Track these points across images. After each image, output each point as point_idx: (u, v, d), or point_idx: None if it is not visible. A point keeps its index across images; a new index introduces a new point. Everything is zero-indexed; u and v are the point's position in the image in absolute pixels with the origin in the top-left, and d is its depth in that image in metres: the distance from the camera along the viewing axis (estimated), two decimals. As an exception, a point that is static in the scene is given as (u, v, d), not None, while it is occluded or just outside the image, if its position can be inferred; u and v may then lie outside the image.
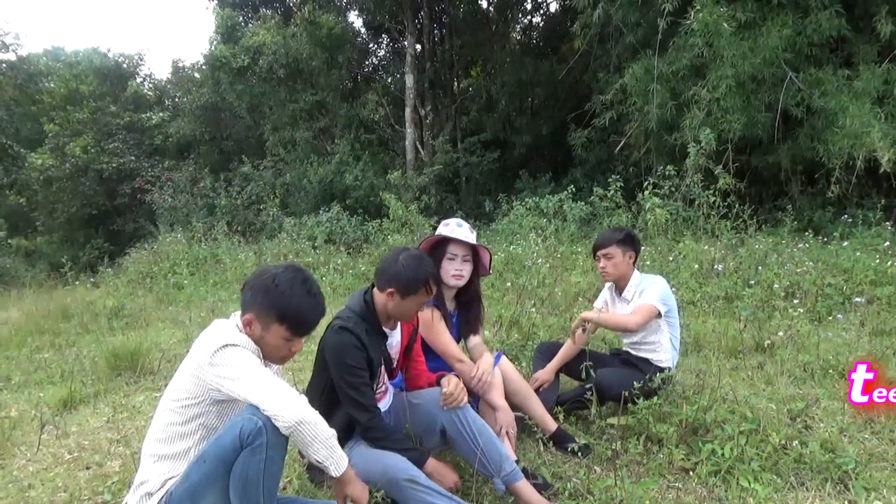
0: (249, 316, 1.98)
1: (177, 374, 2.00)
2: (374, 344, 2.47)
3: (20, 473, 2.99)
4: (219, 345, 1.88)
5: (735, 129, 8.38)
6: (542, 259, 7.07)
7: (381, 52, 19.95)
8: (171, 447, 1.95)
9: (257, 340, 1.99)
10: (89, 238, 21.12)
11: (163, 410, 1.99)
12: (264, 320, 1.98)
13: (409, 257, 2.51)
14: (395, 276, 2.45)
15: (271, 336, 1.99)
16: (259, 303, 1.98)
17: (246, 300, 2.01)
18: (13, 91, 20.97)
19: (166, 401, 1.98)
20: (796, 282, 5.57)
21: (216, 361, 1.86)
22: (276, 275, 2.00)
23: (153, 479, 1.92)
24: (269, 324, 1.98)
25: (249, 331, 1.98)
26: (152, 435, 2.00)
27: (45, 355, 5.41)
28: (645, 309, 3.15)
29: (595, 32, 11.43)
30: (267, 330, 1.98)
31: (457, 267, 3.02)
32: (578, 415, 3.25)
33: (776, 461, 2.62)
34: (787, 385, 3.52)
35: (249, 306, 1.99)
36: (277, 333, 1.99)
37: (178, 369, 2.01)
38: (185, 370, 1.96)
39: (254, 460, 1.79)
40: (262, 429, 1.79)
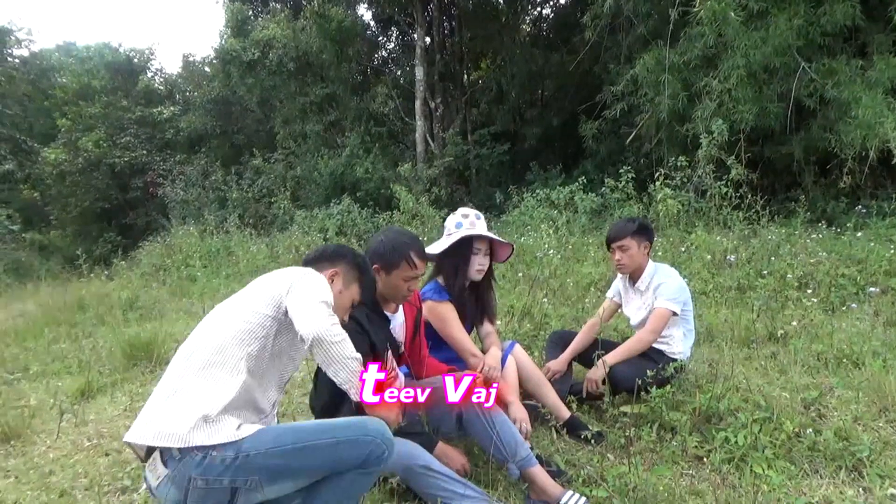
0: (337, 269, 2.18)
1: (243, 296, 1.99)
2: (377, 328, 2.48)
3: (41, 460, 3.05)
4: (317, 274, 2.01)
5: (747, 119, 8.32)
6: (554, 250, 7.07)
7: (391, 45, 19.94)
8: (223, 372, 1.81)
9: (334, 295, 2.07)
10: (102, 232, 21.27)
11: (219, 329, 1.88)
12: (348, 280, 2.20)
13: (389, 233, 2.58)
14: (375, 253, 2.51)
15: (347, 294, 2.19)
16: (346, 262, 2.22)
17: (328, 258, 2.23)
18: (26, 87, 21.18)
19: (229, 320, 1.91)
20: (809, 272, 5.54)
21: (309, 277, 1.96)
22: None
23: (207, 401, 1.74)
24: (351, 283, 2.21)
25: (331, 284, 2.09)
26: (203, 350, 1.84)
27: (61, 346, 5.48)
28: (659, 316, 3.16)
29: (606, 23, 11.38)
30: (348, 288, 2.20)
31: (481, 261, 3.05)
32: (591, 403, 3.27)
33: (790, 449, 2.63)
34: (801, 374, 3.51)
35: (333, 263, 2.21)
36: (351, 294, 2.21)
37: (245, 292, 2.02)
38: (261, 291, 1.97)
39: (362, 481, 1.87)
40: (383, 457, 1.84)
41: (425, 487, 2.26)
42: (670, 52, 9.48)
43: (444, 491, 2.24)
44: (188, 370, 1.80)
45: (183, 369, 1.81)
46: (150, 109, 21.19)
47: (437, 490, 2.24)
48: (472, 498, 2.26)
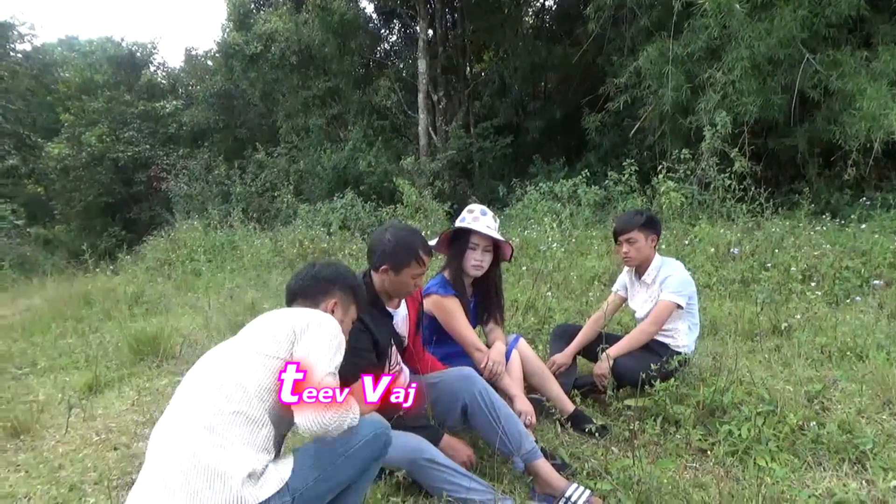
0: (335, 300, 2.16)
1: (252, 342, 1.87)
2: (379, 325, 2.50)
3: (50, 454, 3.08)
4: (329, 318, 1.95)
5: (751, 111, 8.30)
6: (557, 244, 7.08)
7: (393, 38, 19.87)
8: (250, 429, 1.71)
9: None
10: (106, 226, 21.34)
11: (235, 380, 1.76)
12: (346, 305, 2.20)
13: (396, 231, 2.56)
14: (385, 253, 2.49)
15: (348, 320, 2.19)
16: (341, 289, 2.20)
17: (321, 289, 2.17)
18: (29, 82, 21.17)
19: (244, 369, 1.79)
20: (813, 265, 5.54)
21: (323, 324, 1.90)
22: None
23: (246, 461, 1.64)
24: (349, 307, 2.22)
25: (331, 315, 2.05)
26: (221, 404, 1.70)
27: (68, 341, 5.52)
28: (663, 308, 3.18)
29: (609, 15, 11.33)
30: (346, 314, 2.20)
31: (477, 257, 3.05)
32: (595, 397, 3.29)
33: (793, 442, 2.64)
34: (805, 367, 3.53)
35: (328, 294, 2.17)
36: (351, 317, 2.23)
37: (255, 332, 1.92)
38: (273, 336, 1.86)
39: (374, 469, 1.98)
40: (388, 444, 1.96)
41: (431, 481, 2.28)
42: (674, 43, 9.45)
43: (449, 484, 2.26)
44: (208, 431, 1.65)
45: (201, 431, 1.65)
46: (153, 104, 21.20)
47: (442, 483, 2.26)
48: (478, 491, 2.28)
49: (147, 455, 1.70)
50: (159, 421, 1.76)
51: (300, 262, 8.95)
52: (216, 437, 1.62)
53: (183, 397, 1.78)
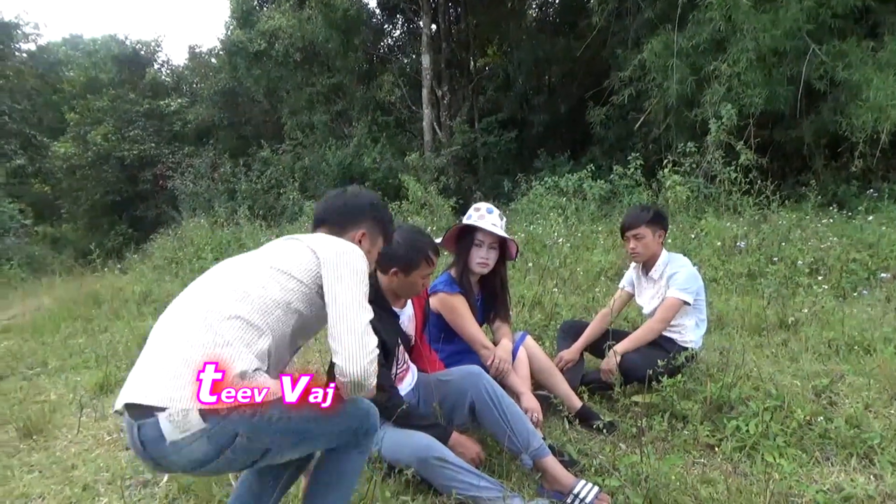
0: (364, 231, 2.06)
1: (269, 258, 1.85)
2: (385, 325, 2.50)
3: (63, 454, 3.11)
4: (356, 248, 1.88)
5: (756, 103, 8.28)
6: (563, 238, 7.08)
7: (397, 33, 19.82)
8: (250, 333, 1.67)
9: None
10: (113, 224, 21.43)
11: (245, 288, 1.73)
12: (374, 237, 2.10)
13: (404, 233, 2.55)
14: (394, 255, 2.49)
15: (374, 251, 2.12)
16: (370, 218, 2.09)
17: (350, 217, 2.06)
18: (34, 81, 21.26)
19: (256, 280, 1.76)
20: (820, 258, 5.53)
21: (349, 255, 1.83)
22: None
23: (242, 359, 1.61)
24: (377, 239, 2.11)
25: (360, 246, 1.98)
26: (225, 306, 1.68)
27: (78, 341, 5.56)
28: (669, 305, 3.18)
29: (613, 8, 11.31)
30: (374, 245, 2.10)
31: (482, 255, 3.05)
32: (603, 393, 3.29)
33: (801, 437, 2.65)
34: (812, 362, 3.53)
35: (357, 223, 2.06)
36: (377, 249, 2.14)
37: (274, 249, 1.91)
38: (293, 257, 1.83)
39: (359, 460, 1.93)
40: (372, 430, 1.90)
41: (440, 479, 2.30)
42: (678, 35, 9.42)
43: (458, 482, 2.28)
44: (209, 326, 1.63)
45: (201, 324, 1.64)
46: (158, 102, 21.24)
47: (451, 481, 2.28)
48: (487, 488, 2.30)
49: (146, 343, 1.70)
50: (162, 315, 1.77)
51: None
52: (213, 335, 1.61)
53: (187, 298, 1.77)
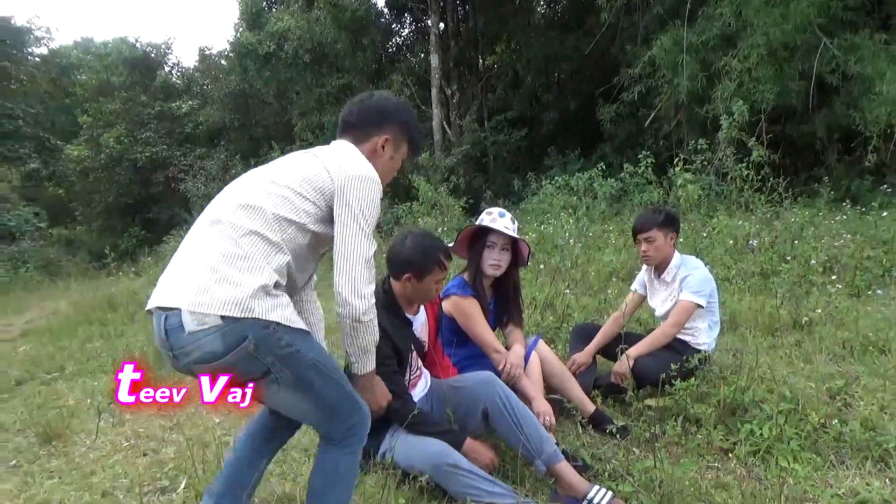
0: (388, 137, 2.06)
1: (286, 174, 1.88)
2: (399, 331, 2.53)
3: (82, 460, 3.15)
4: (369, 174, 1.89)
5: (768, 98, 8.23)
6: (574, 238, 7.07)
7: (405, 32, 19.86)
8: (270, 248, 1.75)
9: (383, 165, 2.05)
10: (126, 226, 21.65)
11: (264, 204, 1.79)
12: (398, 143, 2.11)
13: (416, 239, 2.56)
14: (406, 261, 2.50)
15: (398, 157, 2.13)
16: (395, 124, 2.09)
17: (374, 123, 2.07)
18: (47, 85, 21.45)
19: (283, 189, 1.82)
20: (834, 255, 5.50)
21: (361, 183, 1.86)
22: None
23: (263, 273, 1.70)
24: (401, 145, 2.13)
25: (382, 152, 2.06)
26: (246, 220, 1.76)
27: (95, 345, 5.63)
28: (682, 309, 3.17)
29: (621, 4, 11.26)
30: (398, 151, 2.12)
31: (495, 256, 3.05)
32: (616, 397, 3.29)
33: (815, 440, 2.64)
34: (826, 363, 3.51)
35: (381, 129, 2.06)
36: (402, 154, 2.15)
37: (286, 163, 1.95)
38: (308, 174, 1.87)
39: (350, 462, 1.94)
40: (363, 435, 1.93)
41: (454, 486, 2.31)
42: (688, 31, 9.39)
43: (472, 489, 2.29)
44: (232, 240, 1.72)
45: (224, 237, 1.72)
46: (169, 104, 21.40)
47: (465, 488, 2.29)
48: (500, 495, 2.31)
49: (177, 251, 1.81)
50: (194, 225, 1.86)
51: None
52: (235, 247, 1.70)
53: (213, 211, 1.83)
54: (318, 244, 1.92)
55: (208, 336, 1.63)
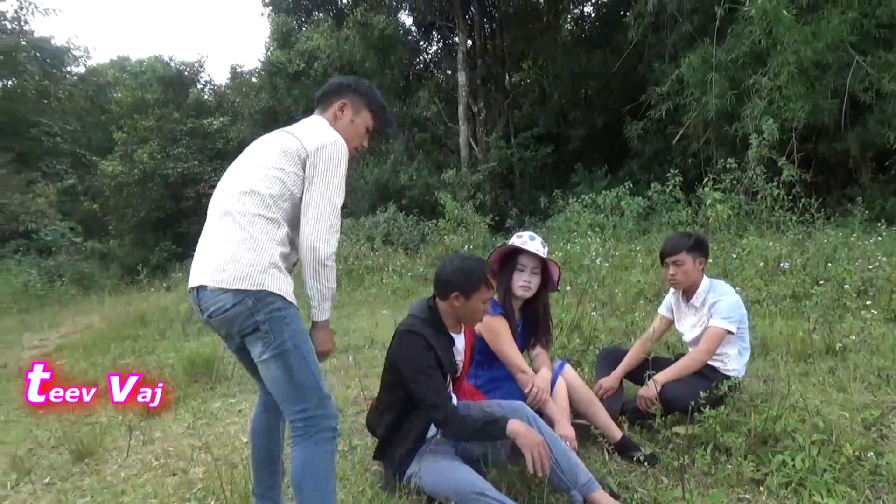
0: (345, 101, 2.37)
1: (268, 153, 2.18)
2: (442, 346, 2.57)
3: (113, 479, 3.20)
4: (334, 138, 2.18)
5: (799, 117, 8.11)
6: (601, 258, 7.02)
7: (433, 49, 20.04)
8: (271, 225, 2.08)
9: (343, 127, 2.33)
10: (158, 240, 22.03)
11: (258, 184, 2.11)
12: (357, 107, 2.39)
13: (462, 259, 2.70)
14: (455, 280, 2.56)
15: (360, 121, 2.41)
16: (352, 92, 2.40)
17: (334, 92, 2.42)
18: (84, 102, 22.05)
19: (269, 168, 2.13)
20: (869, 278, 5.38)
21: (327, 147, 2.15)
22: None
23: (272, 251, 2.05)
24: (361, 110, 2.40)
25: (342, 115, 2.36)
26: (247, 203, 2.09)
27: (126, 361, 5.72)
28: (713, 336, 3.13)
29: (649, 22, 11.23)
30: (358, 115, 2.40)
31: (525, 278, 3.07)
32: (643, 423, 3.25)
33: (850, 473, 2.57)
34: (861, 391, 3.42)
35: (340, 95, 2.39)
36: (364, 120, 2.42)
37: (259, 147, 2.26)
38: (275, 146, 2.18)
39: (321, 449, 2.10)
40: (331, 425, 2.11)
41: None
42: (717, 49, 9.32)
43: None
44: (240, 226, 2.05)
45: (234, 224, 2.06)
46: (201, 121, 21.81)
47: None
48: None
49: (202, 235, 2.18)
50: (209, 209, 2.21)
51: (345, 279, 9.09)
52: (243, 233, 2.04)
53: (220, 197, 2.18)
54: None
55: (223, 294, 2.00)
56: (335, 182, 2.13)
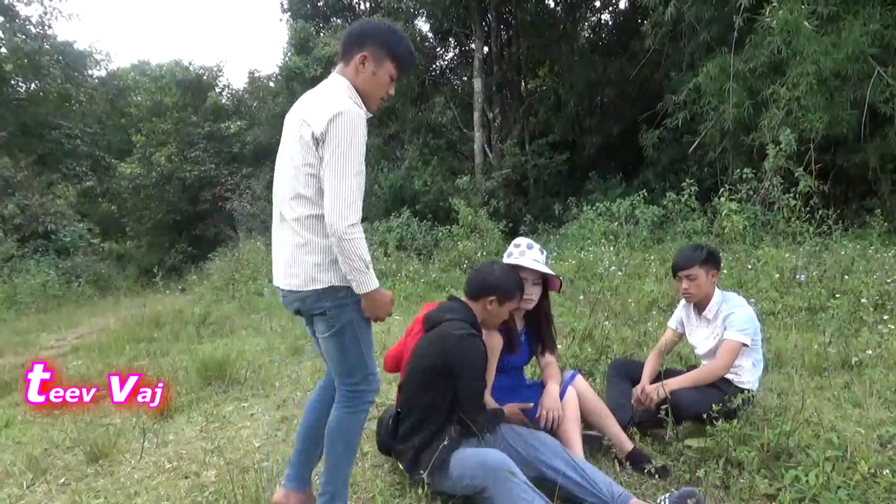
0: (365, 54, 2.28)
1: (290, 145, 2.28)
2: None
3: (126, 480, 3.22)
4: (340, 109, 2.12)
5: (817, 128, 8.03)
6: (615, 267, 6.99)
7: (449, 56, 20.07)
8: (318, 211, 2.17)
9: (365, 81, 2.31)
10: (174, 243, 22.27)
11: (296, 178, 2.21)
12: (378, 58, 2.30)
13: (501, 268, 2.84)
14: (496, 285, 2.73)
15: (383, 73, 2.32)
16: (372, 42, 2.29)
17: (355, 43, 2.31)
18: (105, 105, 22.33)
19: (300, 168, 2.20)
20: (887, 292, 5.31)
21: (334, 121, 2.11)
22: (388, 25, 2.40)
23: (322, 246, 2.17)
24: (383, 61, 2.31)
25: (363, 68, 2.29)
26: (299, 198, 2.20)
27: (141, 363, 5.76)
28: (729, 349, 3.11)
29: (667, 30, 11.18)
30: (380, 67, 2.31)
31: (527, 291, 3.05)
32: (654, 435, 3.23)
33: (865, 490, 2.54)
34: (877, 407, 3.38)
35: (360, 47, 2.29)
36: (387, 71, 2.33)
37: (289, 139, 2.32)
38: (295, 138, 2.24)
39: (351, 420, 2.34)
40: (367, 395, 2.34)
41: (505, 494, 2.29)
42: (735, 59, 9.27)
43: (523, 500, 2.27)
44: (293, 231, 2.21)
45: (289, 230, 2.24)
46: (218, 125, 22.04)
47: (517, 498, 2.27)
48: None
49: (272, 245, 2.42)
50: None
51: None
52: (297, 237, 2.20)
53: (276, 208, 2.36)
54: None
55: (295, 295, 2.25)
56: (349, 154, 2.11)
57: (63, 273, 14.13)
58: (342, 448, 2.35)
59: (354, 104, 2.19)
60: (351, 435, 2.35)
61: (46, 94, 17.76)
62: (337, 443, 2.35)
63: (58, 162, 19.43)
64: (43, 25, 17.99)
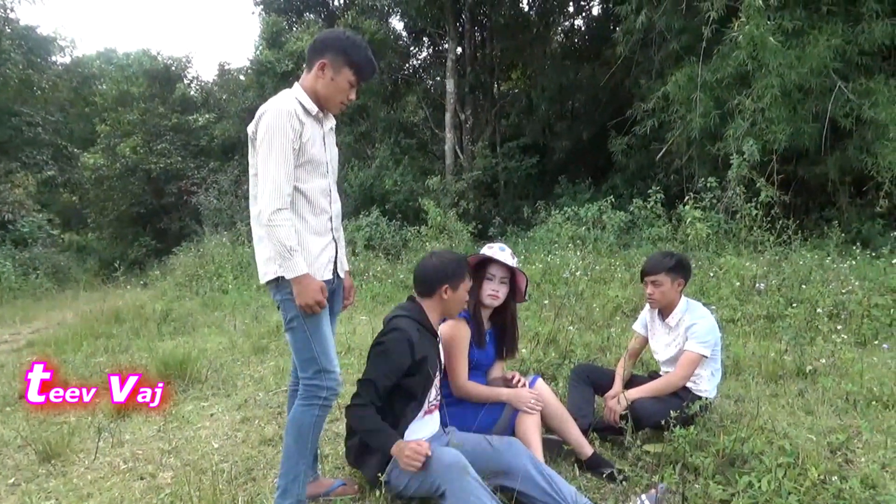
0: (324, 61, 2.38)
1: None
2: (426, 344, 2.62)
3: (79, 481, 3.14)
4: (270, 108, 2.30)
5: (780, 139, 8.22)
6: (581, 271, 7.06)
7: (423, 55, 20.06)
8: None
9: (324, 86, 2.41)
10: (137, 236, 21.76)
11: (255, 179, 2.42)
12: (337, 66, 2.39)
13: (439, 256, 2.81)
14: (442, 271, 2.69)
15: (341, 79, 2.41)
16: (331, 51, 2.39)
17: (317, 50, 2.42)
18: (68, 93, 21.76)
19: (254, 168, 2.41)
20: (841, 302, 5.46)
21: (263, 118, 2.29)
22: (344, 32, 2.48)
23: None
24: (341, 68, 2.40)
25: (322, 74, 2.39)
26: (254, 197, 2.42)
27: (99, 360, 5.62)
28: (690, 360, 3.17)
29: (638, 38, 11.33)
30: (339, 73, 2.40)
31: (493, 287, 3.09)
32: (613, 440, 3.28)
33: (814, 496, 2.60)
34: (829, 415, 3.48)
35: (320, 55, 2.39)
36: (345, 77, 2.41)
37: None
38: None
39: (308, 414, 2.40)
40: (326, 389, 2.39)
41: (458, 492, 2.26)
42: (703, 69, 9.42)
43: (475, 498, 2.24)
44: (255, 226, 2.43)
45: (255, 224, 2.43)
46: (186, 117, 21.60)
47: (468, 495, 2.24)
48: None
49: None
50: None
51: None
52: (256, 235, 2.43)
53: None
54: (304, 184, 2.39)
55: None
56: (272, 145, 2.25)
57: (20, 265, 13.71)
58: (292, 441, 2.42)
59: (286, 103, 2.31)
60: (302, 429, 2.40)
61: (7, 79, 17.18)
62: (288, 435, 2.44)
63: (17, 150, 18.81)
64: (4, 9, 17.43)
